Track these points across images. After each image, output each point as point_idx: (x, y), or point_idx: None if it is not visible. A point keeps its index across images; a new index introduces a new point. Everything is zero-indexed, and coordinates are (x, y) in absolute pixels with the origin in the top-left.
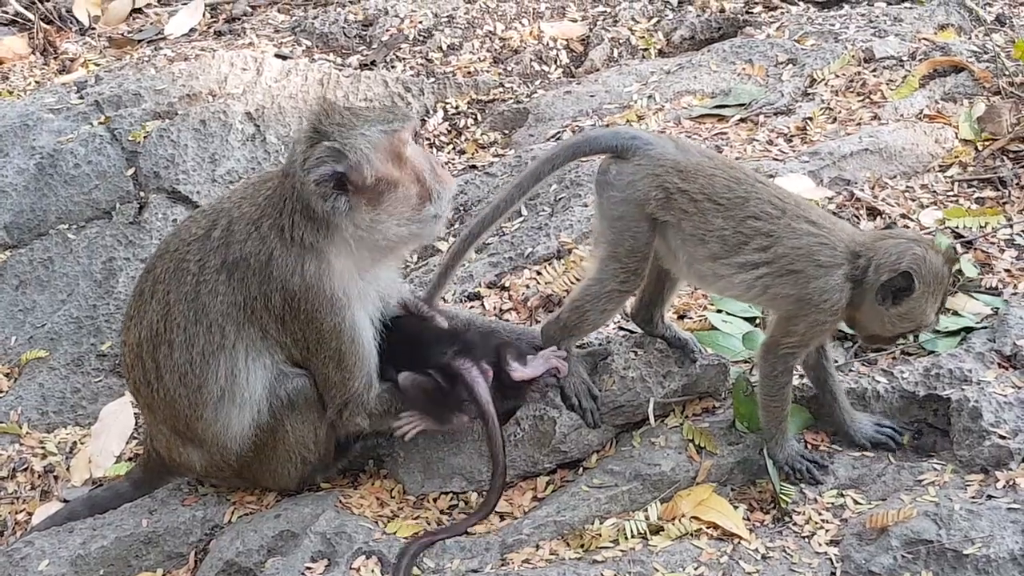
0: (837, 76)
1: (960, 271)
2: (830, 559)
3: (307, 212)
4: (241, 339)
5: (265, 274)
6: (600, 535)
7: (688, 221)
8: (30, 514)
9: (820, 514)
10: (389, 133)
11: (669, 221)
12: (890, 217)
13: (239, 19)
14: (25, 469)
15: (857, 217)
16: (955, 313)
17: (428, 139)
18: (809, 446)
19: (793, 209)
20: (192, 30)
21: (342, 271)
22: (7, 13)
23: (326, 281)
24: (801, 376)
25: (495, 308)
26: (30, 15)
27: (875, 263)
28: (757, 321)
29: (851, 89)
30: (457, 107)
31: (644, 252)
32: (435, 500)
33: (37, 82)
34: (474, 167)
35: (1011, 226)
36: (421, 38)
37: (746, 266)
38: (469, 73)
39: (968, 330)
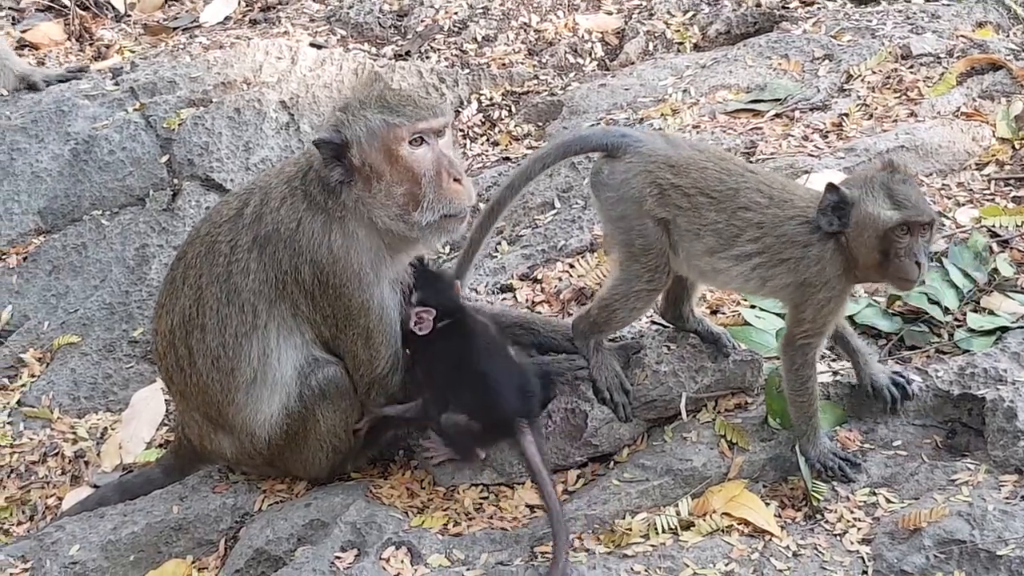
0: (874, 72)
1: (996, 269)
2: (862, 557)
3: (319, 176)
4: (272, 318)
5: (295, 245)
6: (631, 530)
7: (683, 216)
8: (60, 499)
9: (852, 512)
10: (388, 126)
11: (666, 217)
12: None
13: (274, 8)
14: (56, 454)
15: None
16: (991, 312)
17: (462, 130)
18: (841, 444)
19: (779, 194)
20: (227, 18)
21: (369, 247)
22: None
23: (353, 255)
24: (835, 373)
25: (527, 300)
26: (66, 1)
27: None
28: None
29: (888, 86)
30: (491, 99)
31: (660, 248)
32: (465, 491)
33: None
34: (507, 159)
35: None
36: (456, 29)
37: (741, 258)
38: (504, 65)
39: (1004, 329)
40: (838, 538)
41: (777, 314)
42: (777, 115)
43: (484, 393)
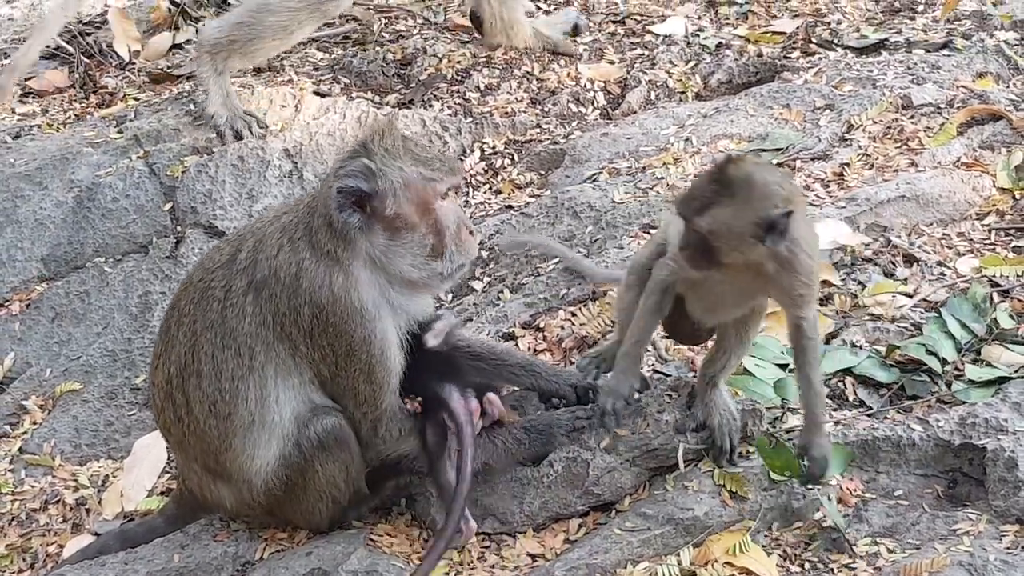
0: (875, 122)
1: (996, 320)
2: None
3: (328, 221)
4: (270, 359)
5: (294, 287)
6: None
7: None
8: (61, 546)
9: (855, 562)
10: (426, 180)
11: None
12: (927, 264)
13: (278, 56)
14: (57, 501)
15: (894, 264)
16: (989, 364)
17: (465, 178)
18: (844, 489)
19: None
20: None
21: (370, 285)
22: (48, 47)
23: (354, 294)
24: (836, 423)
25: (529, 348)
26: (71, 49)
27: None
28: (789, 368)
29: (888, 135)
30: (494, 147)
31: None
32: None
33: (77, 116)
34: (510, 207)
35: None
36: (459, 78)
37: None
38: (506, 113)
39: (1003, 380)
40: None
41: (778, 365)
42: (779, 164)
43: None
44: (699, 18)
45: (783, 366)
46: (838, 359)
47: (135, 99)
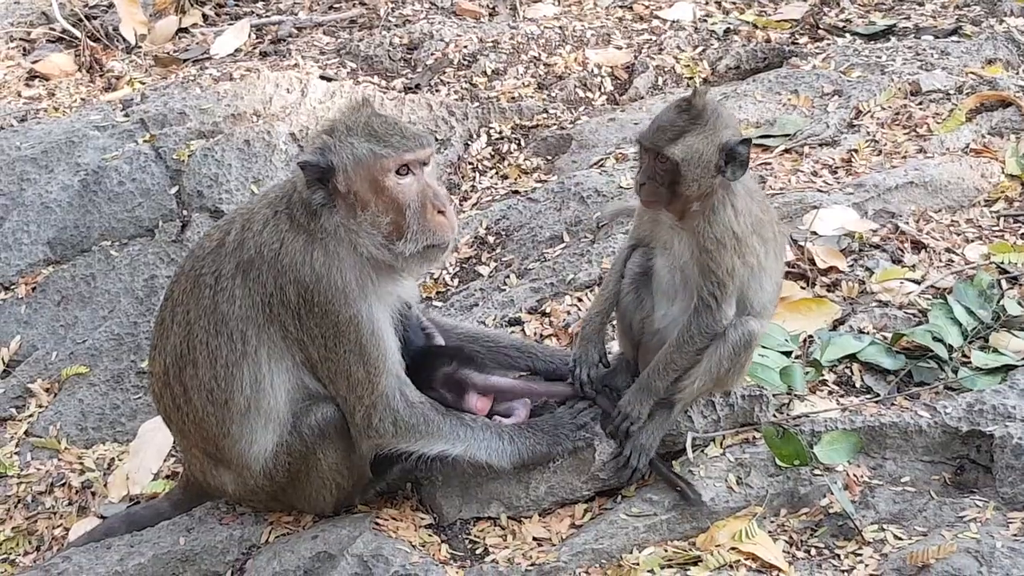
0: (883, 108)
1: (1003, 307)
2: None
3: (301, 197)
4: (263, 343)
5: (277, 266)
6: (638, 564)
7: None
8: (67, 529)
9: (861, 548)
10: (375, 156)
11: None
12: (935, 251)
13: (284, 40)
14: (63, 484)
15: (902, 251)
16: (996, 351)
17: (471, 163)
18: (851, 476)
19: None
20: (237, 50)
21: (352, 264)
22: (54, 30)
23: (335, 272)
24: (844, 409)
25: (536, 334)
26: (77, 33)
27: None
28: (795, 355)
29: (897, 122)
30: (501, 132)
31: None
32: (472, 524)
33: (83, 99)
34: (517, 192)
35: None
36: (466, 62)
37: None
38: (513, 98)
39: (1010, 368)
40: (846, 574)
41: (782, 352)
42: (786, 150)
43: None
44: (707, 3)
45: (787, 353)
46: (843, 345)
47: (141, 83)
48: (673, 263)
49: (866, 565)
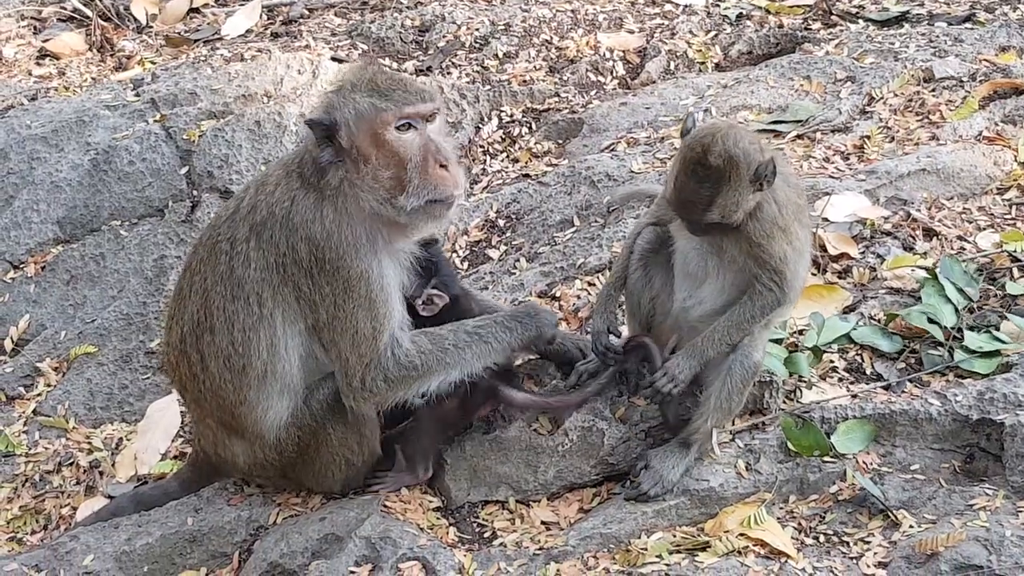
0: (896, 95)
1: (1003, 287)
2: None
3: (312, 155)
4: (278, 304)
5: (289, 224)
6: (646, 549)
7: None
8: (75, 509)
9: (871, 535)
10: (375, 110)
11: None
12: (947, 239)
13: (296, 21)
14: (71, 464)
15: (913, 238)
16: (987, 330)
17: (482, 146)
18: (861, 463)
19: None
20: (249, 31)
21: (362, 221)
22: (65, 9)
23: (347, 229)
24: (854, 396)
25: None
26: (88, 12)
27: None
28: (806, 346)
29: (910, 108)
30: (512, 115)
31: None
32: (480, 507)
33: (93, 78)
34: (527, 176)
35: None
36: (477, 45)
37: None
38: (525, 82)
39: (998, 353)
40: (855, 561)
41: (775, 340)
42: (798, 136)
43: None
44: None
45: (778, 340)
46: (834, 327)
47: (152, 63)
48: (704, 248)
49: (875, 552)
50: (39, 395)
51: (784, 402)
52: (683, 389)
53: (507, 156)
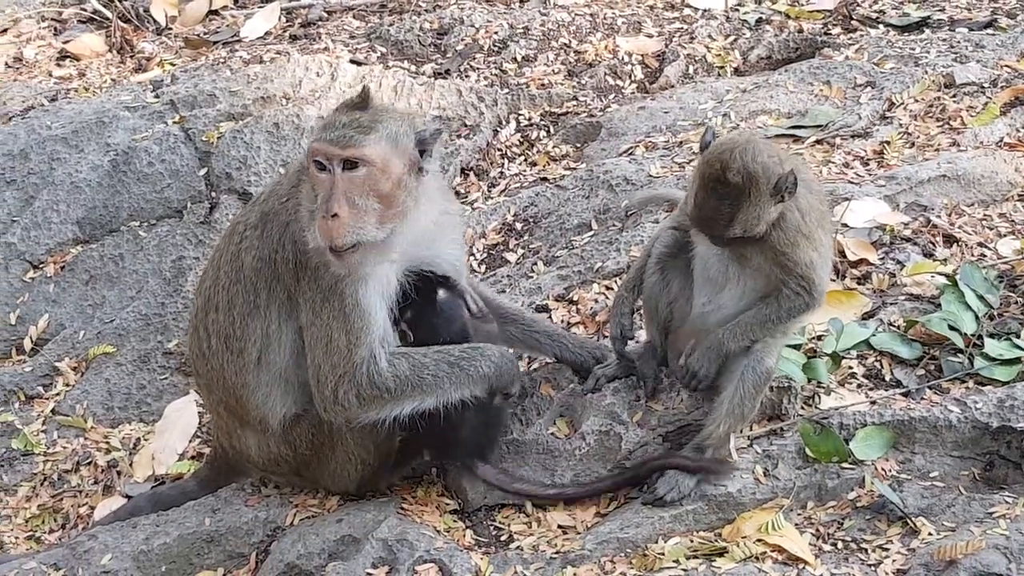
0: (916, 100)
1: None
2: None
3: None
4: (273, 299)
5: (285, 223)
6: (663, 554)
7: None
8: (92, 508)
9: (889, 543)
10: (310, 140)
11: None
12: (967, 245)
13: (314, 24)
14: (89, 463)
15: (933, 244)
16: (1007, 338)
17: (500, 150)
18: (880, 469)
19: None
20: (267, 33)
21: None
22: (85, 11)
23: None
24: (872, 402)
25: (562, 321)
26: (108, 13)
27: None
28: (824, 352)
29: (930, 114)
30: (530, 119)
31: None
32: (497, 510)
33: (113, 80)
34: (545, 179)
35: None
36: (496, 48)
37: None
38: (543, 85)
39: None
40: (873, 568)
41: (793, 346)
42: (818, 141)
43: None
44: None
45: (796, 347)
46: (849, 332)
47: (171, 64)
48: (725, 254)
49: (893, 560)
50: (58, 395)
51: (802, 408)
52: (709, 383)
53: (525, 159)
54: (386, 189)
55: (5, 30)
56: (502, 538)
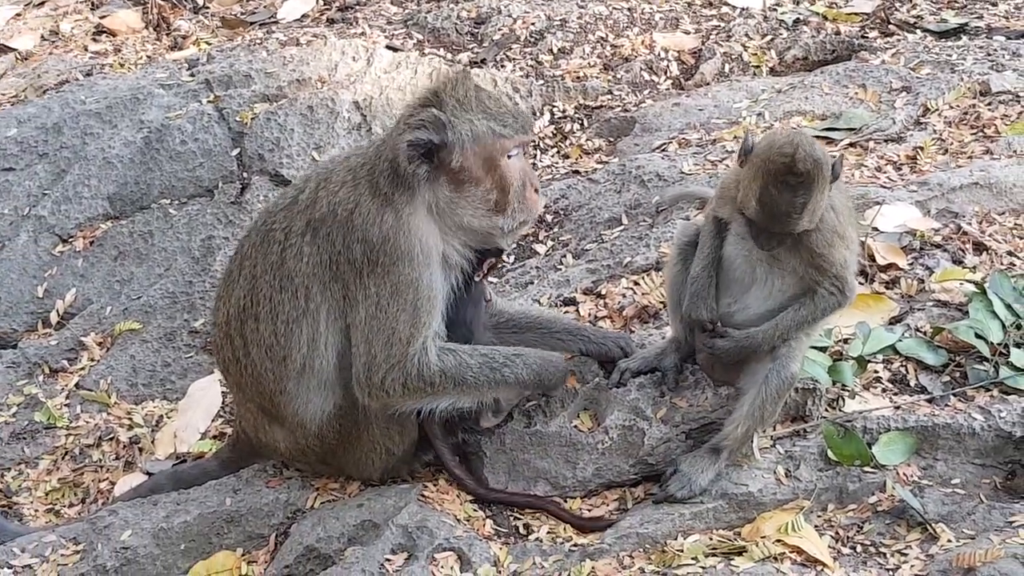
0: (951, 107)
1: None
2: None
3: (394, 167)
4: (325, 299)
5: (349, 225)
6: (682, 551)
7: None
8: (113, 483)
9: (908, 548)
10: (495, 136)
11: None
12: (997, 253)
13: (352, 8)
14: (111, 439)
15: (963, 251)
16: None
17: (533, 141)
18: (901, 475)
19: None
20: (305, 16)
21: (424, 230)
22: None
23: (403, 235)
24: (897, 407)
25: (590, 315)
26: None
27: None
28: (849, 356)
29: (965, 121)
30: (564, 111)
31: None
32: None
33: (149, 57)
34: (577, 172)
35: None
36: (533, 39)
37: None
38: (578, 78)
39: None
40: (891, 573)
41: (820, 348)
42: (851, 144)
43: None
44: None
45: (822, 349)
46: (876, 337)
47: (207, 43)
48: (752, 255)
49: (911, 565)
50: (82, 369)
51: (826, 410)
52: (726, 360)
53: (558, 151)
54: None
55: (43, 2)
56: (521, 529)
